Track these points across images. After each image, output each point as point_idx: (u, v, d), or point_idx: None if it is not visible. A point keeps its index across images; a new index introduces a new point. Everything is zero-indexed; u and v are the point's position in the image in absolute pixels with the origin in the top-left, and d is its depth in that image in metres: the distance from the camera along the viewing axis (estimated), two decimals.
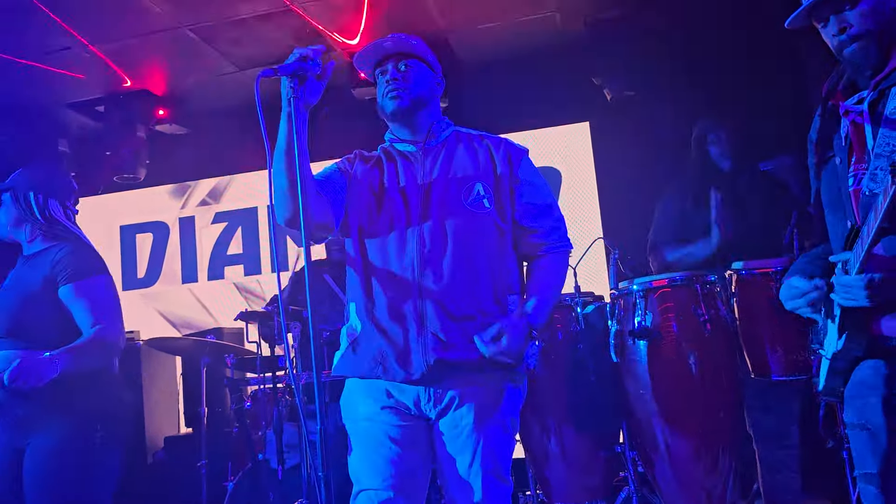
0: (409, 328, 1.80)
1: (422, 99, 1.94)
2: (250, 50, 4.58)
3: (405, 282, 1.81)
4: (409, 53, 1.96)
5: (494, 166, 1.92)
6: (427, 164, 1.93)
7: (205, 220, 5.76)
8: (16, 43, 4.25)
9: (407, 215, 1.87)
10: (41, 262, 2.31)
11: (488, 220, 1.87)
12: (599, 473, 2.82)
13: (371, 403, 1.85)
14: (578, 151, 5.13)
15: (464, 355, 1.78)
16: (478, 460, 1.80)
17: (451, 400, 1.81)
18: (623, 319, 2.67)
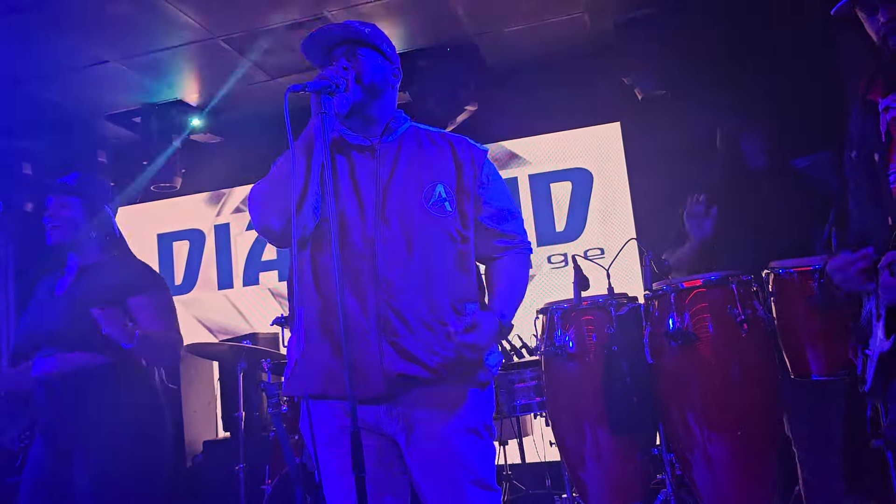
0: (365, 339, 1.68)
1: (374, 89, 1.80)
2: (281, 59, 4.65)
3: (360, 289, 1.70)
4: (361, 41, 1.83)
5: (458, 167, 1.82)
6: (384, 161, 1.80)
7: (239, 226, 5.84)
8: (55, 57, 4.37)
9: (361, 216, 1.74)
10: (106, 273, 2.42)
11: (450, 224, 1.77)
12: (636, 476, 2.79)
13: (328, 426, 1.74)
14: (610, 152, 5.10)
15: (424, 367, 1.69)
16: (458, 473, 1.72)
17: (415, 415, 1.72)
18: (658, 321, 2.65)
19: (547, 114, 5.14)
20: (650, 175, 4.90)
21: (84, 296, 2.37)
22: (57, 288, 2.45)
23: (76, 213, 2.45)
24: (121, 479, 2.28)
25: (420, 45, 4.65)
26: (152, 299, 2.42)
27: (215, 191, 5.93)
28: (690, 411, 2.57)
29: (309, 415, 1.63)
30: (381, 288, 1.69)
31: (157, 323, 2.40)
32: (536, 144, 5.23)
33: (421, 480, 1.75)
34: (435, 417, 1.72)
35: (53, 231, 2.43)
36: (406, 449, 1.74)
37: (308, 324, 1.73)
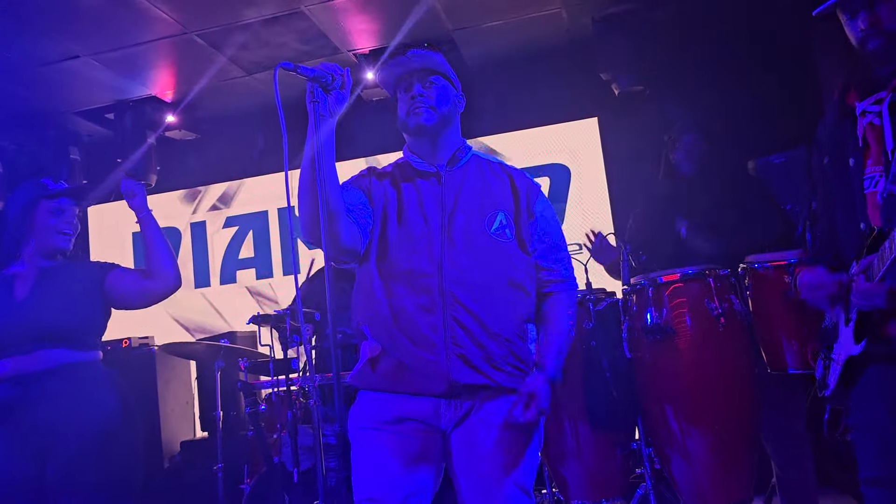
0: (433, 350, 1.77)
1: (446, 117, 1.91)
2: (257, 55, 4.60)
3: (429, 304, 1.78)
4: (434, 70, 1.92)
5: (516, 197, 1.93)
6: (449, 188, 1.90)
7: (216, 224, 5.78)
8: (26, 52, 4.28)
9: (428, 237, 1.84)
10: (67, 271, 2.43)
11: (510, 249, 1.87)
12: (616, 471, 2.80)
13: (384, 412, 1.83)
14: (587, 147, 5.12)
15: (488, 377, 1.78)
16: (502, 473, 1.78)
17: (471, 412, 1.80)
18: (636, 315, 2.66)
19: (525, 109, 5.15)
20: (628, 170, 4.92)
21: (57, 294, 2.35)
22: (15, 292, 2.39)
23: (75, 218, 2.50)
24: (93, 480, 2.25)
25: (395, 41, 4.62)
26: (122, 267, 2.52)
27: (191, 188, 5.86)
28: (669, 405, 2.58)
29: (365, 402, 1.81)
30: (448, 304, 1.78)
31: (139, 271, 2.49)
32: (514, 140, 5.23)
33: (462, 474, 1.81)
34: (491, 420, 1.79)
35: (68, 239, 2.46)
36: (455, 443, 1.81)
37: (378, 333, 1.83)
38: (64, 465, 2.25)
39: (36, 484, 2.27)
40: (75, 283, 2.38)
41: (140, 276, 2.48)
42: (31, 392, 2.29)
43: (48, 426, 2.27)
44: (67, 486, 2.25)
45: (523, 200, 1.92)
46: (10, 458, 2.29)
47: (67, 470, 2.25)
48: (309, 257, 5.53)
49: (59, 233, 2.44)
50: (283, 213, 5.64)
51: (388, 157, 5.44)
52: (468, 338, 1.77)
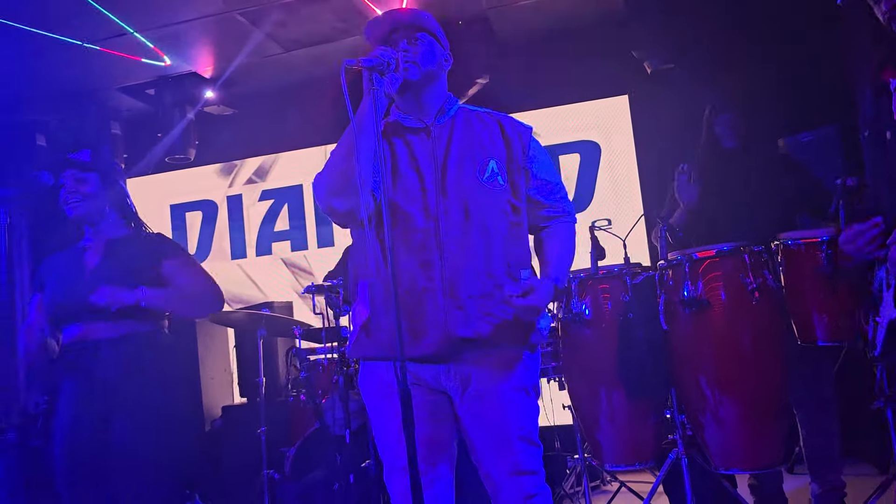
0: (429, 304, 1.80)
1: (431, 74, 1.90)
2: (295, 32, 4.70)
3: (425, 258, 1.82)
4: (420, 27, 1.92)
5: (507, 143, 1.94)
6: (439, 141, 1.92)
7: (252, 197, 5.93)
8: (70, 29, 4.41)
9: (423, 191, 1.86)
10: (132, 246, 2.53)
11: (503, 196, 1.90)
12: (649, 436, 2.93)
13: (389, 382, 1.84)
14: (618, 124, 5.19)
15: (484, 329, 1.82)
16: (508, 428, 1.86)
17: (471, 373, 1.85)
18: (672, 289, 2.77)
19: (556, 86, 5.22)
20: (657, 147, 4.99)
21: (117, 269, 2.47)
22: (86, 263, 2.53)
23: (94, 187, 2.53)
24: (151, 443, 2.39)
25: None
26: (180, 260, 2.56)
27: (227, 162, 6.01)
28: (703, 375, 2.71)
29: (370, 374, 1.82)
30: (445, 257, 1.82)
31: (192, 276, 2.53)
32: (546, 117, 5.31)
33: (472, 434, 1.89)
34: (489, 376, 1.86)
35: (75, 206, 2.52)
36: (460, 404, 1.88)
37: (373, 294, 1.86)
38: (124, 428, 2.40)
39: (101, 443, 2.42)
40: (136, 258, 2.49)
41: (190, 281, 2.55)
42: (95, 358, 2.44)
43: (111, 391, 2.42)
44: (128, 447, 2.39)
45: (516, 145, 1.94)
46: (78, 418, 2.45)
47: (127, 433, 2.40)
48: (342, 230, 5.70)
49: (65, 203, 2.53)
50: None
51: None
52: (465, 290, 1.81)
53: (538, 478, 1.90)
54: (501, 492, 1.89)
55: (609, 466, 3.03)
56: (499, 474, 1.88)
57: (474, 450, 1.91)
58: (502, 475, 1.87)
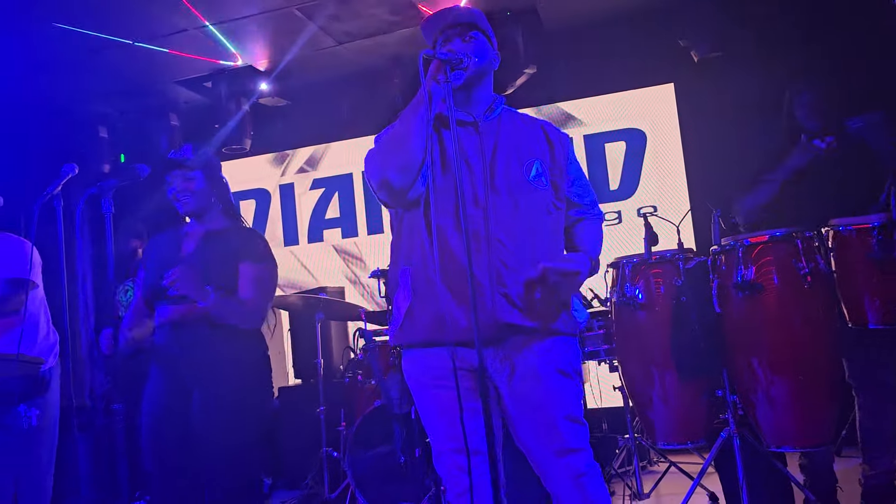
0: (478, 291, 1.83)
1: (483, 71, 1.99)
2: (349, 25, 4.85)
3: (474, 246, 1.87)
4: (474, 25, 2.01)
5: (551, 146, 2.06)
6: (487, 137, 2.00)
7: (303, 186, 6.12)
8: (136, 25, 4.61)
9: (472, 183, 1.94)
10: (228, 239, 2.66)
11: (546, 195, 2.01)
12: (701, 416, 3.03)
13: (435, 368, 1.94)
14: (664, 113, 5.25)
15: (529, 316, 1.90)
16: (552, 408, 1.93)
17: (515, 356, 1.93)
18: (725, 273, 2.86)
19: (602, 75, 5.30)
20: (703, 135, 5.05)
21: (210, 259, 2.62)
22: (183, 248, 2.69)
23: (200, 184, 2.68)
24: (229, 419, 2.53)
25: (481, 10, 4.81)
26: (255, 269, 2.63)
27: (280, 152, 6.19)
28: (755, 356, 2.80)
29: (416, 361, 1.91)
30: (493, 247, 1.90)
31: (250, 291, 2.60)
32: (592, 105, 5.40)
33: (517, 416, 1.96)
34: (533, 360, 1.94)
35: (185, 203, 2.67)
36: (505, 388, 1.95)
37: (417, 279, 1.94)
38: (205, 406, 2.54)
39: (184, 417, 2.57)
40: (226, 250, 2.63)
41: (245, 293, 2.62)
42: (181, 338, 2.59)
43: (194, 369, 2.56)
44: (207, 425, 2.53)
45: (558, 149, 2.06)
46: (164, 393, 2.61)
47: (208, 411, 2.54)
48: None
49: (175, 201, 2.70)
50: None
51: None
52: (512, 278, 1.89)
53: (587, 455, 1.95)
54: (551, 472, 1.94)
55: (661, 445, 3.14)
56: (547, 455, 1.94)
57: (520, 432, 1.97)
58: (550, 456, 1.93)
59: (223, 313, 2.53)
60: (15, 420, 2.97)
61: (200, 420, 2.54)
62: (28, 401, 3.01)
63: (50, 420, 3.09)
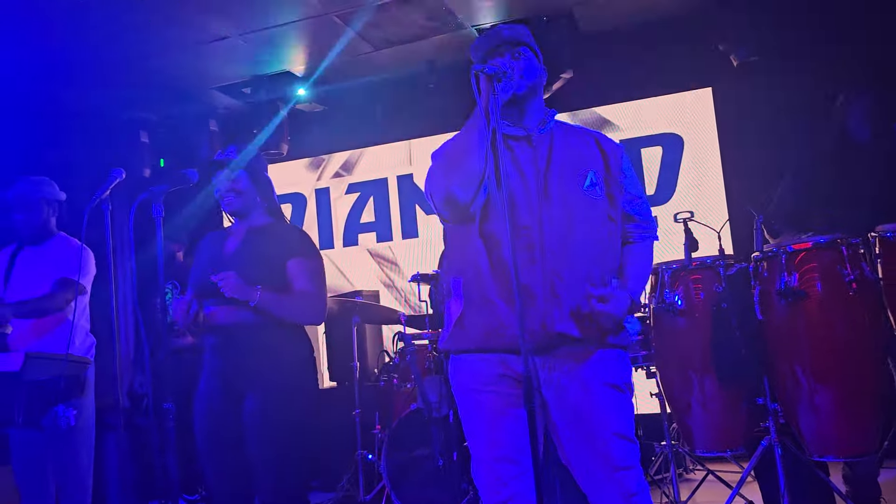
0: (532, 301, 1.88)
1: (533, 87, 2.03)
2: (386, 31, 4.89)
3: (527, 256, 1.90)
4: (522, 42, 2.05)
5: (605, 157, 2.06)
6: (540, 149, 2.02)
7: (339, 190, 6.18)
8: (179, 34, 4.70)
9: (526, 195, 1.96)
10: (270, 236, 2.68)
11: (602, 207, 2.01)
12: (741, 423, 3.00)
13: (483, 374, 1.94)
14: (701, 117, 5.21)
15: (581, 327, 1.90)
16: (601, 423, 1.90)
17: (566, 368, 1.92)
18: (768, 280, 2.84)
19: (639, 80, 5.27)
20: (742, 140, 5.00)
21: (252, 256, 2.63)
22: (226, 247, 2.72)
23: (245, 184, 2.69)
24: (280, 423, 2.53)
25: (516, 15, 4.83)
26: (308, 263, 2.65)
27: (316, 157, 6.26)
28: (798, 364, 2.76)
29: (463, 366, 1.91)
30: (547, 258, 1.92)
31: (310, 285, 2.62)
32: (628, 110, 5.37)
33: (563, 428, 1.93)
34: (583, 372, 1.92)
35: (230, 202, 2.70)
36: (553, 398, 1.93)
37: (470, 289, 1.96)
38: (256, 408, 2.54)
39: (235, 418, 2.58)
40: (271, 249, 2.63)
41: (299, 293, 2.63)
42: (230, 341, 2.60)
43: (244, 372, 2.57)
44: (259, 426, 2.54)
45: (611, 160, 2.05)
46: (216, 395, 2.62)
47: (258, 412, 2.54)
48: (425, 222, 5.88)
49: (221, 200, 2.72)
50: (403, 180, 5.98)
51: None
52: (565, 289, 1.89)
53: (637, 473, 1.91)
54: (599, 489, 1.91)
55: (700, 452, 3.11)
56: (594, 471, 1.91)
57: (565, 445, 1.95)
58: (600, 473, 1.90)
59: (276, 308, 2.54)
60: (54, 420, 3.03)
61: (252, 421, 2.56)
62: (66, 401, 3.07)
63: (87, 420, 3.14)
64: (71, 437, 3.05)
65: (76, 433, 3.06)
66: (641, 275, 2.10)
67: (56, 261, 3.21)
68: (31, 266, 3.25)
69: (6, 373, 2.82)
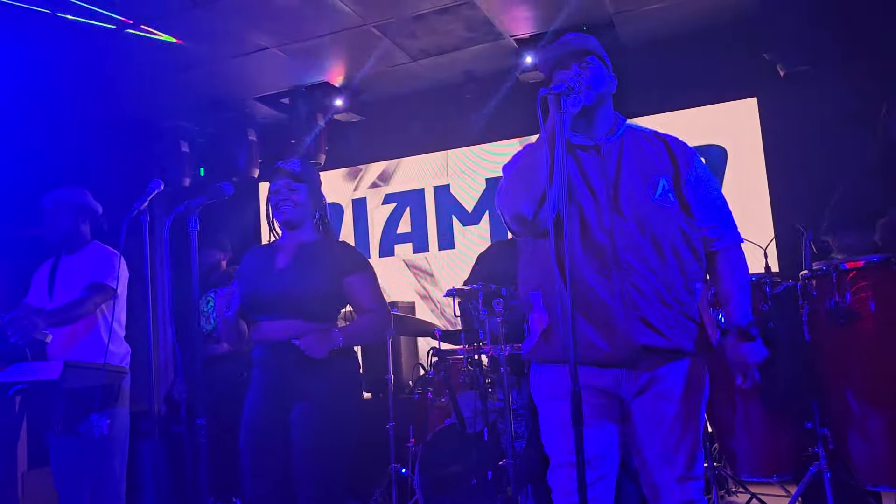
0: (612, 315, 1.88)
1: (602, 95, 2.01)
2: (424, 42, 4.88)
3: (605, 271, 1.90)
4: (589, 51, 2.04)
5: (675, 163, 2.01)
6: (609, 159, 2.00)
7: (375, 201, 6.17)
8: (222, 45, 4.75)
9: (597, 208, 1.95)
10: (322, 251, 2.66)
11: (674, 213, 1.96)
12: (788, 448, 2.89)
13: (565, 384, 1.87)
14: (745, 128, 5.08)
15: (666, 338, 1.88)
16: (681, 432, 1.92)
17: (650, 377, 1.92)
18: (817, 299, 2.73)
19: (681, 89, 5.16)
20: (788, 153, 4.86)
21: (305, 271, 2.62)
22: (277, 262, 2.70)
23: (303, 196, 2.69)
24: (326, 433, 2.51)
25: (555, 26, 4.77)
26: (366, 277, 2.67)
27: (353, 167, 6.27)
28: (849, 387, 2.65)
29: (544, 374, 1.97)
30: (623, 270, 1.90)
31: (373, 301, 2.65)
32: (670, 120, 5.25)
33: (643, 436, 1.96)
34: (667, 382, 1.93)
35: (287, 211, 2.67)
36: (637, 407, 1.95)
37: (550, 303, 1.97)
38: (303, 418, 2.53)
39: (283, 431, 2.56)
40: (323, 264, 2.62)
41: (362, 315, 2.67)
42: (278, 355, 2.58)
43: (292, 385, 2.55)
44: (306, 436, 2.52)
45: (682, 165, 2.00)
46: (263, 409, 2.61)
47: (306, 423, 2.52)
48: (462, 233, 5.84)
49: (276, 208, 2.70)
50: (440, 190, 5.95)
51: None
52: (644, 301, 1.88)
53: (701, 484, 1.95)
54: (665, 496, 1.94)
55: (744, 476, 3.01)
56: (665, 478, 1.93)
57: (641, 451, 1.97)
58: (669, 479, 1.93)
59: (357, 340, 2.62)
60: (89, 429, 3.06)
61: (299, 431, 2.54)
62: (101, 410, 3.09)
63: (121, 429, 3.16)
64: (105, 445, 3.08)
65: (109, 441, 3.08)
66: (741, 290, 2.04)
67: (88, 267, 3.25)
68: (69, 275, 3.29)
69: (45, 381, 2.85)
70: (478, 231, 5.81)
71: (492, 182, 5.79)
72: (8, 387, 2.90)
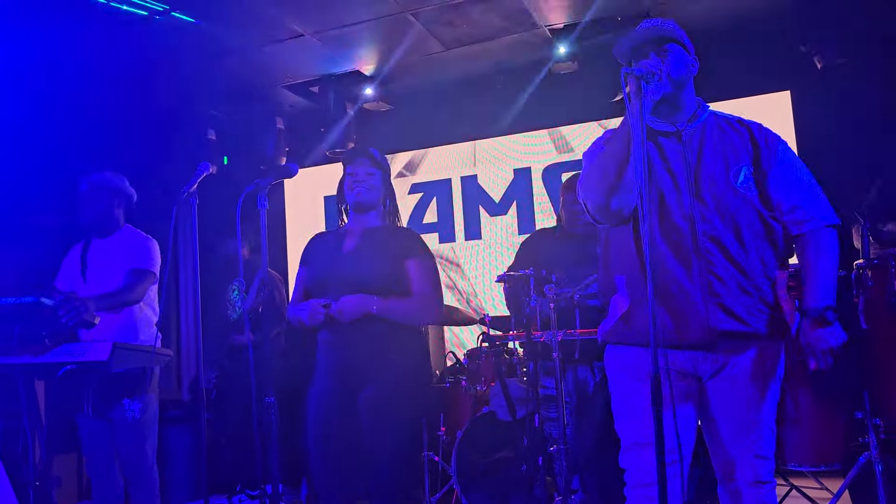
0: (691, 300, 1.90)
1: (682, 81, 2.00)
2: (458, 31, 4.87)
3: (683, 258, 1.92)
4: (668, 38, 2.03)
5: (757, 149, 2.01)
6: (690, 145, 2.00)
7: (402, 190, 6.15)
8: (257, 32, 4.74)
9: (677, 193, 1.96)
10: (387, 237, 2.68)
11: (756, 200, 1.96)
12: (837, 438, 2.89)
13: (643, 366, 1.92)
14: (779, 121, 5.05)
15: (744, 325, 1.90)
16: (757, 412, 1.95)
17: (727, 360, 1.95)
18: (874, 289, 2.72)
19: (714, 81, 5.08)
20: (822, 147, 4.83)
21: (372, 253, 2.64)
22: (345, 246, 2.71)
23: (378, 181, 2.72)
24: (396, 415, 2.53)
25: (591, 16, 4.75)
26: (425, 264, 2.68)
27: None
28: None
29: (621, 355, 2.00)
30: (703, 257, 1.92)
31: (426, 286, 2.65)
32: None
33: (719, 414, 1.99)
34: (745, 364, 1.95)
35: (361, 193, 2.68)
36: (712, 386, 1.98)
37: (633, 287, 1.99)
38: (373, 400, 2.54)
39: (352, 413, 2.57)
40: (387, 248, 2.64)
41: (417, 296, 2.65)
42: (346, 337, 2.59)
43: (361, 366, 2.56)
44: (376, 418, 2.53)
45: (764, 151, 2.00)
46: (331, 390, 2.61)
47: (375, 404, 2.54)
48: (489, 224, 5.83)
49: (350, 189, 2.71)
50: (467, 181, 5.94)
51: (572, 128, 5.62)
52: (723, 287, 1.90)
53: (772, 465, 1.98)
54: (738, 473, 1.97)
55: (791, 466, 3.00)
56: (739, 456, 1.96)
57: (722, 431, 1.99)
58: (743, 458, 1.96)
59: (394, 314, 2.58)
60: (121, 413, 3.06)
61: (368, 413, 2.56)
62: (132, 395, 3.09)
63: (152, 414, 3.15)
64: (136, 430, 3.08)
65: (141, 426, 3.09)
66: (825, 276, 2.01)
67: (125, 252, 3.24)
68: (103, 259, 3.27)
69: (95, 362, 2.84)
70: (505, 221, 5.80)
71: (519, 172, 5.78)
72: (57, 367, 2.90)
